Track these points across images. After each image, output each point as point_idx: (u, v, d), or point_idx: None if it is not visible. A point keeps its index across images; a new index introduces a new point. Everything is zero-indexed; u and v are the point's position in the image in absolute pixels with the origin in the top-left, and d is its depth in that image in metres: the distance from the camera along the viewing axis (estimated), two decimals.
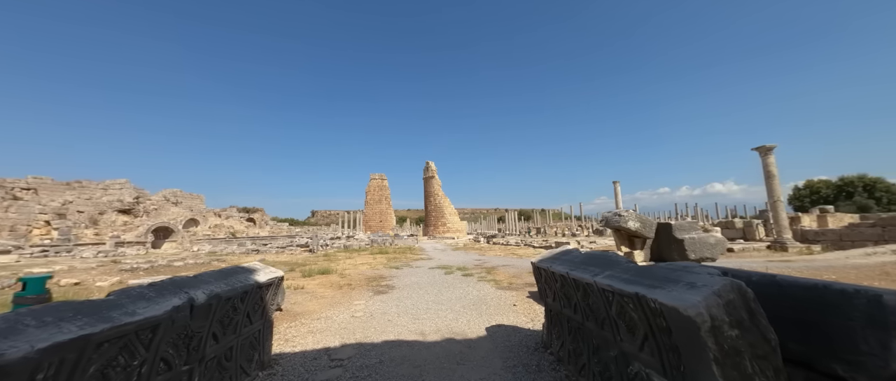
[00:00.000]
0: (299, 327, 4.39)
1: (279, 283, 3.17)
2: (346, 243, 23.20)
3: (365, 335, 3.98)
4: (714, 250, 4.88)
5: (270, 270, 3.17)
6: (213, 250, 20.57)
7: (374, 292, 6.75)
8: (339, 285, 7.52)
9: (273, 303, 3.15)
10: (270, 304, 3.10)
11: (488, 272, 9.07)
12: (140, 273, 10.94)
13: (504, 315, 4.67)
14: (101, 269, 11.88)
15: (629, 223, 5.17)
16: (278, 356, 3.37)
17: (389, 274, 9.29)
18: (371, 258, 14.08)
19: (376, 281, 8.08)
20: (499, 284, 7.28)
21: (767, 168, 11.82)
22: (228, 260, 14.96)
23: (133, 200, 26.10)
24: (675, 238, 5.06)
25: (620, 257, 2.31)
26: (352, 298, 6.20)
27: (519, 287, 6.82)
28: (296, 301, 5.97)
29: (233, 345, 2.50)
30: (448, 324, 4.33)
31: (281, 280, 3.19)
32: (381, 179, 47.37)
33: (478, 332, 3.99)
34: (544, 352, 3.19)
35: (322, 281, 8.23)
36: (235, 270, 2.78)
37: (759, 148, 11.94)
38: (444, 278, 8.37)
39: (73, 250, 17.91)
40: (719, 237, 4.95)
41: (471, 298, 5.91)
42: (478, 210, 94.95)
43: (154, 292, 1.86)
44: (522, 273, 8.76)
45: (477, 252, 16.73)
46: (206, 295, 2.11)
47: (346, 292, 6.82)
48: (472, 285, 7.12)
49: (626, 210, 5.31)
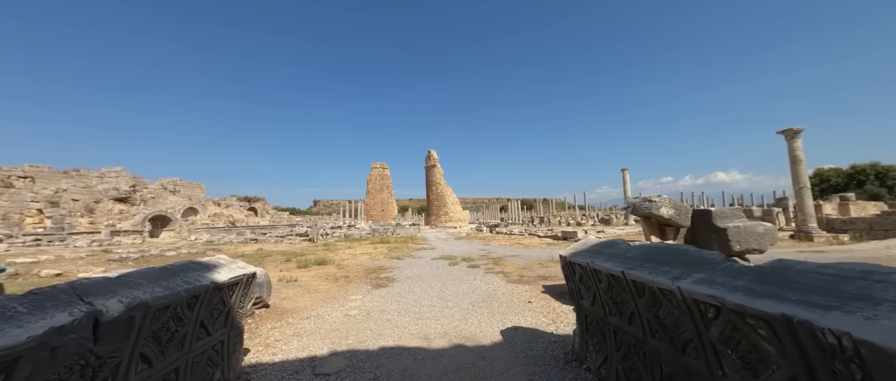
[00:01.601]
0: (285, 328, 3.81)
1: (249, 281, 2.56)
2: (347, 233, 22.70)
3: (359, 340, 3.39)
4: (762, 240, 4.23)
5: (238, 266, 2.55)
6: (210, 239, 20.11)
7: (373, 285, 6.18)
8: (335, 278, 6.96)
9: (242, 306, 2.54)
10: (238, 307, 2.49)
11: (495, 263, 8.48)
12: (129, 263, 10.43)
13: (520, 315, 4.07)
14: (89, 259, 11.39)
15: (661, 210, 4.52)
16: (252, 368, 2.79)
17: (390, 265, 8.72)
18: (372, 248, 13.54)
19: (376, 273, 7.51)
20: (508, 276, 6.70)
21: (793, 153, 11.05)
22: (224, 249, 14.47)
23: (129, 188, 25.60)
24: (715, 227, 4.41)
25: (703, 251, 1.66)
26: (348, 292, 5.62)
27: (531, 280, 6.23)
28: (286, 296, 5.40)
29: (179, 366, 1.90)
30: (456, 325, 3.74)
31: (251, 278, 2.58)
32: (382, 168, 46.69)
33: (492, 336, 3.39)
34: (578, 367, 2.58)
35: (318, 273, 7.67)
36: (186, 266, 2.16)
37: (786, 131, 11.15)
38: (448, 269, 7.79)
39: (66, 238, 17.46)
40: (768, 226, 4.30)
41: (479, 293, 5.32)
42: (480, 199, 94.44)
43: (26, 306, 1.24)
44: (532, 264, 8.17)
45: (481, 242, 16.17)
46: (125, 305, 1.49)
47: (342, 285, 6.25)
48: (480, 278, 6.54)
49: (658, 195, 4.65)
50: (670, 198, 4.65)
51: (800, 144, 11.09)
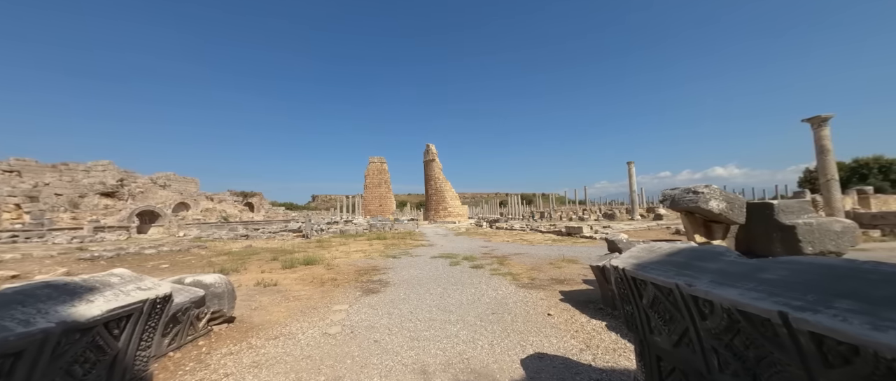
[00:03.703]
0: (244, 353, 2.99)
1: (156, 309, 1.72)
2: (343, 228, 21.87)
3: (335, 375, 2.57)
4: (840, 240, 3.44)
5: (139, 286, 1.71)
6: (199, 235, 19.26)
7: (364, 290, 5.36)
8: (321, 281, 6.14)
9: (144, 346, 1.70)
10: (139, 349, 1.65)
11: (501, 263, 7.68)
12: (101, 263, 9.58)
13: (541, 334, 3.26)
14: (60, 258, 10.53)
15: (711, 203, 3.69)
16: None
17: (385, 265, 7.91)
18: (367, 245, 12.73)
19: (368, 275, 6.69)
20: (517, 279, 5.89)
21: (820, 142, 10.24)
22: (212, 246, 13.63)
23: (116, 182, 24.64)
24: (778, 224, 3.61)
25: None
26: (333, 300, 4.81)
27: (544, 284, 5.43)
28: (259, 305, 4.58)
29: None
30: (462, 351, 2.92)
31: (159, 305, 1.73)
32: (380, 163, 45.74)
33: (510, 369, 2.58)
34: None
35: (304, 274, 6.85)
36: (26, 293, 1.32)
37: (812, 119, 10.33)
38: (449, 270, 6.98)
39: (46, 235, 16.58)
40: (847, 223, 3.51)
41: (487, 301, 4.51)
42: (478, 194, 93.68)
43: None
44: (541, 264, 7.37)
45: (482, 238, 15.38)
46: None
47: (328, 290, 5.44)
48: (485, 281, 5.73)
49: (705, 186, 3.82)
50: (721, 189, 3.82)
51: (827, 133, 10.27)
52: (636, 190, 22.66)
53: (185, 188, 32.71)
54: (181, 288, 3.14)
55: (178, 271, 8.10)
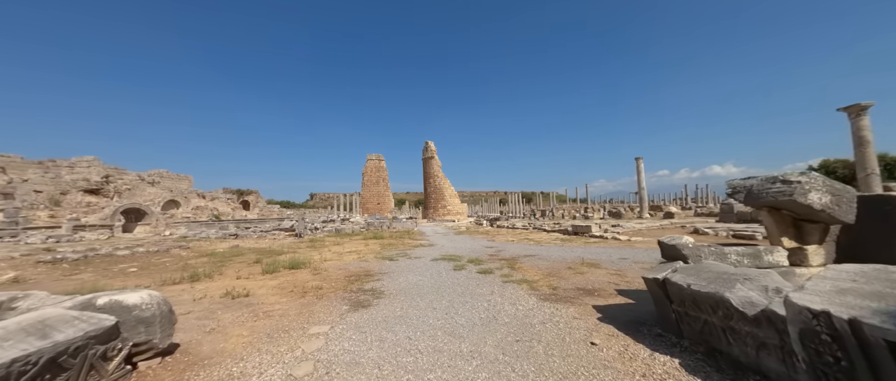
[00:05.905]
0: None
1: None
2: (339, 227, 20.87)
3: None
4: None
5: None
6: (185, 235, 18.23)
7: (351, 303, 4.40)
8: (303, 290, 5.17)
9: None
10: None
11: (512, 267, 6.73)
12: (63, 265, 8.57)
13: (592, 377, 2.32)
14: (21, 259, 9.50)
15: (811, 196, 2.74)
16: None
17: (380, 269, 6.94)
18: (362, 245, 11.76)
19: (359, 282, 5.73)
20: (536, 288, 4.93)
21: (859, 133, 9.32)
22: (195, 246, 12.63)
23: (101, 179, 23.56)
24: None
25: None
26: (312, 317, 3.84)
27: (571, 296, 4.47)
28: (217, 326, 3.61)
29: None
30: None
31: None
32: (378, 160, 44.71)
33: None
34: None
35: (285, 281, 5.89)
36: None
37: (850, 108, 9.41)
38: (453, 276, 6.02)
39: (19, 234, 15.53)
40: None
41: (505, 320, 3.55)
42: (477, 193, 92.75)
43: None
44: (559, 269, 6.41)
45: (484, 237, 14.42)
46: None
47: (308, 303, 4.47)
48: (499, 292, 4.77)
49: (800, 173, 2.87)
50: (824, 178, 2.87)
51: (867, 123, 9.34)
52: (645, 186, 21.74)
53: (177, 186, 31.64)
54: (76, 317, 2.17)
55: (147, 275, 7.13)
